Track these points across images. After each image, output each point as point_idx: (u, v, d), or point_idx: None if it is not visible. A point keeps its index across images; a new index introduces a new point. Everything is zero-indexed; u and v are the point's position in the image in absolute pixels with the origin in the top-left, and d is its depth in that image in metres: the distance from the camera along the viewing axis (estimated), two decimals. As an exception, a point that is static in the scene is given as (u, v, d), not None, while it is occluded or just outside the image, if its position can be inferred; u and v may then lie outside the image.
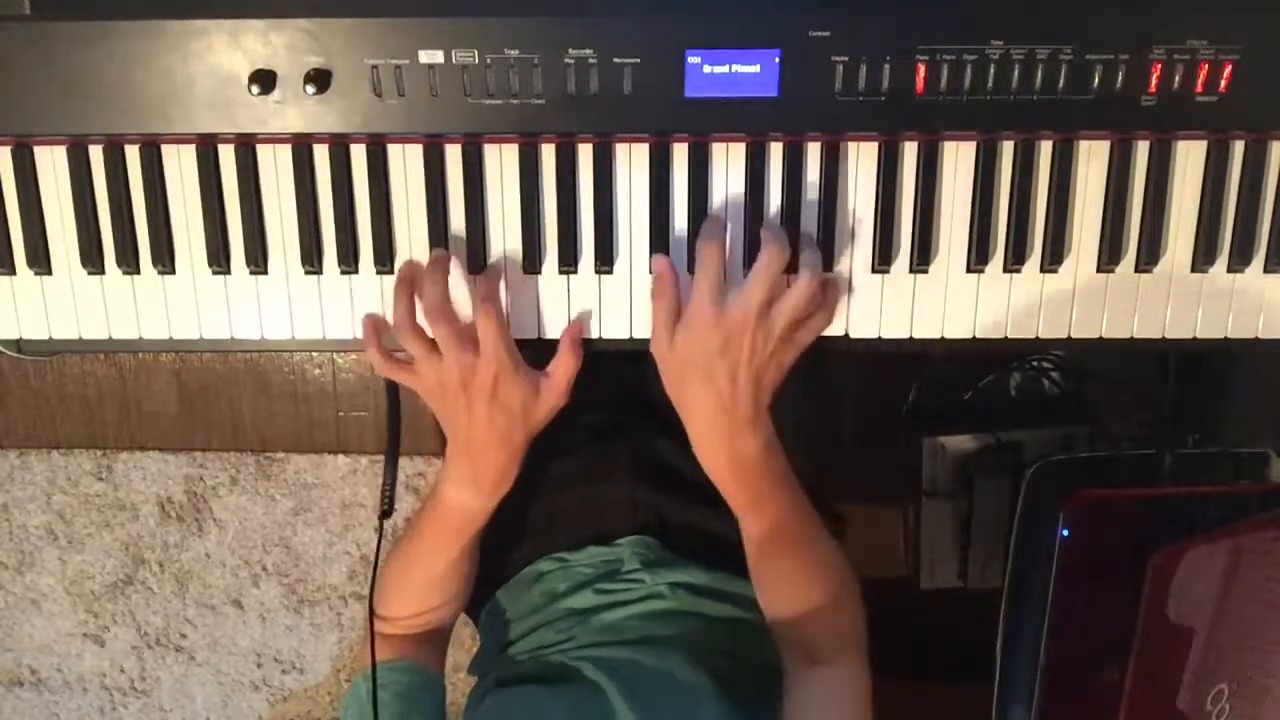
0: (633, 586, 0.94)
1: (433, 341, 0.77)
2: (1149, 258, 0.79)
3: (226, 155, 0.79)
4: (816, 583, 0.83)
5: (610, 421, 1.01)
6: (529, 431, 0.80)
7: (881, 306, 0.81)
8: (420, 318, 0.78)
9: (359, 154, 0.79)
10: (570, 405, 0.81)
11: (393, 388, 0.87)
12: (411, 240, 0.80)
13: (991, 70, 0.75)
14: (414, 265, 0.79)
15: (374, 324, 0.79)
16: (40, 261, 0.80)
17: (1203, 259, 0.79)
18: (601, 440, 1.00)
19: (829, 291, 0.79)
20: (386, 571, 0.92)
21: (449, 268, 0.78)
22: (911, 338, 0.81)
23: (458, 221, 0.80)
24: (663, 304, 0.76)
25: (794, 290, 0.74)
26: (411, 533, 0.89)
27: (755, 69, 0.75)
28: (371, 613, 0.90)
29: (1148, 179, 0.79)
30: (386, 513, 0.89)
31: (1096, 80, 0.75)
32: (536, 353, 0.82)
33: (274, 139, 0.78)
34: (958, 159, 0.79)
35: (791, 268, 0.76)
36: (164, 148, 0.79)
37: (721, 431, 0.77)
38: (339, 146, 0.78)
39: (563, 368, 0.79)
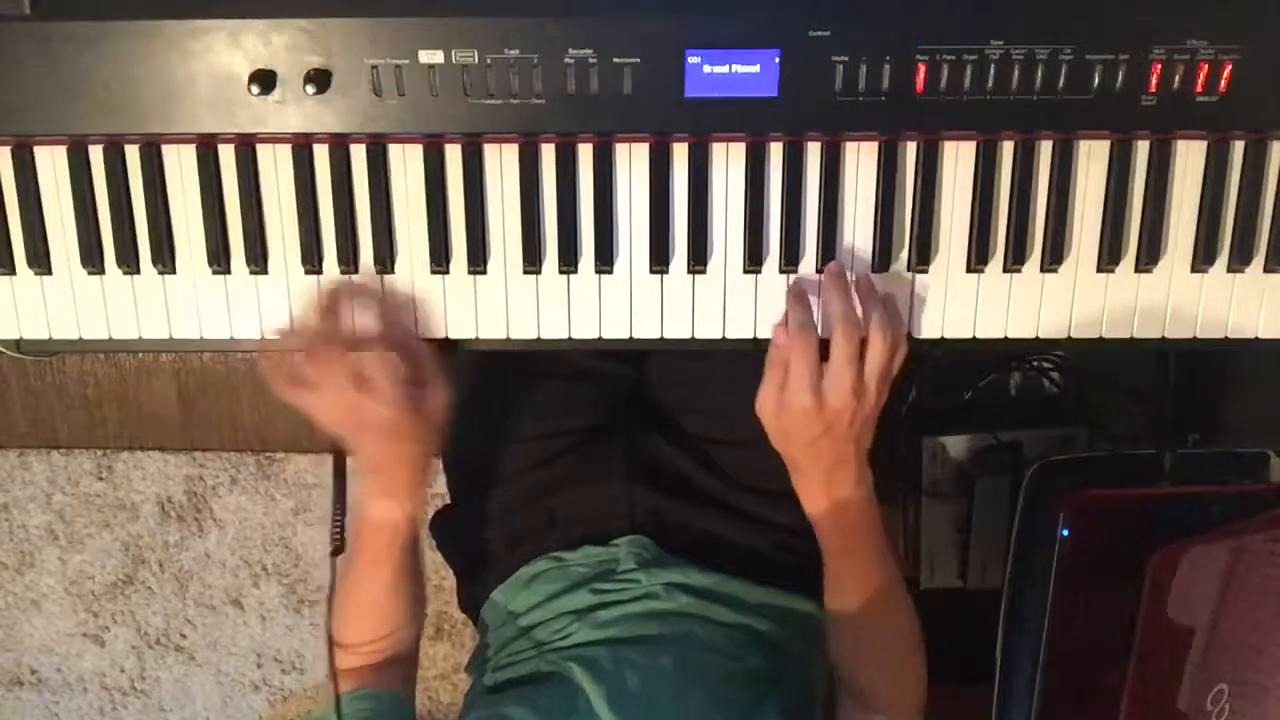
0: (628, 586, 0.93)
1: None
2: (1149, 258, 0.79)
3: (226, 155, 0.79)
4: (887, 636, 0.87)
5: (608, 422, 1.01)
6: (428, 442, 0.81)
7: (881, 306, 0.81)
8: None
9: (359, 154, 0.79)
10: (567, 406, 0.81)
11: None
12: (411, 240, 0.80)
13: (991, 70, 0.75)
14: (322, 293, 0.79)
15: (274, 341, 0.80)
16: (40, 261, 0.80)
17: (1203, 259, 0.79)
18: (599, 440, 0.99)
19: (897, 326, 0.78)
20: (338, 602, 0.91)
21: (341, 301, 0.78)
22: (912, 338, 0.81)
23: (458, 221, 0.80)
24: (775, 376, 0.77)
25: (874, 357, 0.75)
26: (350, 558, 0.89)
27: (755, 69, 0.75)
28: (330, 643, 0.90)
29: (1148, 179, 0.79)
30: (338, 549, 0.90)
31: (1096, 80, 0.75)
32: (537, 354, 0.82)
33: (274, 139, 0.78)
34: (958, 159, 0.79)
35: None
36: (164, 148, 0.78)
37: (828, 484, 0.80)
38: (339, 146, 0.78)
39: (431, 378, 0.79)
